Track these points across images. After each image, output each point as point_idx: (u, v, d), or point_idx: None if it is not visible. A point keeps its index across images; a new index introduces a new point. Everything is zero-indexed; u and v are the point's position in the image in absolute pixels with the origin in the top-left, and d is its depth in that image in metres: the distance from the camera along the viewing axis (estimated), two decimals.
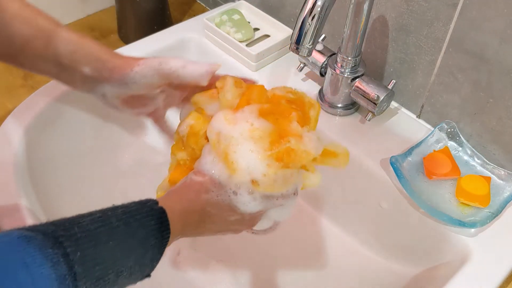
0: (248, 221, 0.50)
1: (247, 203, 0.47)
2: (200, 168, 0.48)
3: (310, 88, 0.72)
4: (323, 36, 0.69)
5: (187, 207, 0.46)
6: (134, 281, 0.42)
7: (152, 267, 0.42)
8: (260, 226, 0.52)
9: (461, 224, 0.55)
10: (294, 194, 0.49)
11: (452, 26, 0.57)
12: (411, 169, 0.60)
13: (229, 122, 0.48)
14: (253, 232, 0.55)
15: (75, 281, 0.35)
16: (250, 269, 0.66)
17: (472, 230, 0.56)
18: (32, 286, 0.32)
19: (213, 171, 0.47)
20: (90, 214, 0.39)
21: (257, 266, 0.67)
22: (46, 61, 0.50)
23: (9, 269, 0.32)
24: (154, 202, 0.43)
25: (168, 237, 0.42)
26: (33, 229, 0.35)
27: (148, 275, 0.43)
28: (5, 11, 0.48)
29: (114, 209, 0.41)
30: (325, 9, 0.50)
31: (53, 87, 0.68)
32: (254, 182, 0.46)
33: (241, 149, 0.46)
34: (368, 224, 0.67)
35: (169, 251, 0.67)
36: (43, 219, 0.57)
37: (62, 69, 0.51)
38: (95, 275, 0.36)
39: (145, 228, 0.41)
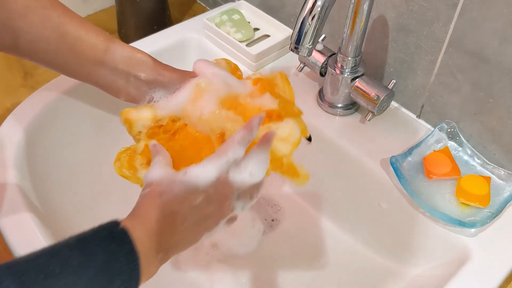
0: (217, 198, 0.46)
1: (199, 174, 0.44)
2: (145, 181, 0.46)
3: (310, 88, 0.72)
4: (323, 36, 0.69)
5: (147, 218, 0.42)
6: None
7: None
8: (240, 206, 0.49)
9: (461, 224, 0.55)
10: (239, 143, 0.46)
11: (452, 26, 0.57)
12: (411, 169, 0.60)
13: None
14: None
15: None
16: (250, 269, 0.66)
17: (472, 230, 0.56)
18: None
19: (155, 175, 0.46)
20: (41, 249, 0.36)
21: (257, 266, 0.67)
22: (104, 67, 0.53)
23: None
24: (115, 223, 0.40)
25: (136, 259, 0.38)
26: None
27: None
28: (65, 32, 0.52)
29: (67, 239, 0.37)
30: (325, 9, 0.51)
31: (53, 87, 0.68)
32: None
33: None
34: (368, 224, 0.67)
35: None
36: (43, 219, 0.57)
37: (119, 77, 0.53)
38: None
39: (104, 253, 0.37)
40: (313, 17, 0.50)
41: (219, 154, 0.46)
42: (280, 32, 0.77)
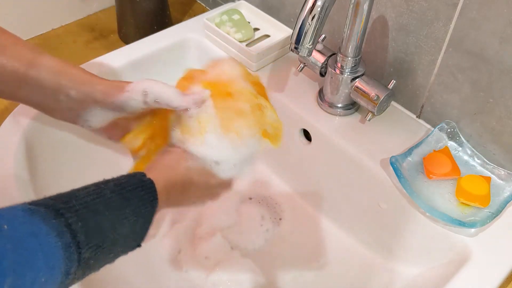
0: (226, 183, 0.53)
1: (227, 170, 0.50)
2: (173, 142, 0.51)
3: (310, 88, 0.72)
4: (323, 36, 0.69)
5: (169, 176, 0.48)
6: (127, 250, 0.44)
7: (143, 237, 0.45)
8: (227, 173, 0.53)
9: (461, 224, 0.55)
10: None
11: (452, 26, 0.57)
12: (411, 169, 0.60)
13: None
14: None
15: (79, 248, 0.37)
16: (250, 268, 0.66)
17: (472, 230, 0.56)
18: (41, 253, 0.34)
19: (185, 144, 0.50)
20: (85, 187, 0.41)
21: (257, 265, 0.67)
22: (28, 85, 0.49)
23: (19, 238, 0.33)
24: (142, 174, 0.46)
25: (156, 205, 0.45)
26: (35, 203, 0.37)
27: (139, 245, 0.45)
28: None
29: (106, 182, 0.43)
30: (325, 9, 0.51)
31: None
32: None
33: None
34: (368, 224, 0.67)
35: (169, 249, 0.68)
36: None
37: (46, 95, 0.49)
38: (95, 242, 0.39)
39: (136, 198, 0.43)
40: (313, 17, 0.50)
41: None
42: (280, 32, 0.77)
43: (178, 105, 0.50)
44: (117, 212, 0.41)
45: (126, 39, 0.89)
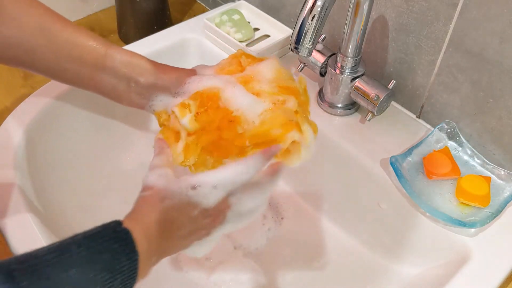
0: (213, 212, 0.47)
1: (208, 194, 0.45)
2: (146, 184, 0.47)
3: (310, 88, 0.72)
4: (323, 36, 0.69)
5: (147, 222, 0.43)
6: None
7: None
8: (236, 225, 0.50)
9: (461, 224, 0.55)
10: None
11: (452, 26, 0.57)
12: (411, 169, 0.60)
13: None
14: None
15: None
16: (250, 268, 0.66)
17: (472, 230, 0.56)
18: None
19: (158, 181, 0.46)
20: (48, 246, 0.37)
21: (257, 265, 0.67)
22: (105, 71, 0.53)
23: None
24: (117, 223, 0.41)
25: (136, 259, 0.40)
26: None
27: None
28: (62, 39, 0.52)
29: (74, 236, 0.39)
30: (325, 9, 0.51)
31: (53, 87, 0.68)
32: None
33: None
34: (368, 224, 0.67)
35: None
36: (44, 219, 0.57)
37: (120, 81, 0.53)
38: None
39: (109, 252, 0.39)
40: (313, 17, 0.50)
41: (233, 176, 0.46)
42: (280, 32, 0.77)
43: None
44: (85, 270, 0.37)
45: (126, 39, 0.89)
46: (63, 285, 0.35)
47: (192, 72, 0.56)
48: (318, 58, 0.68)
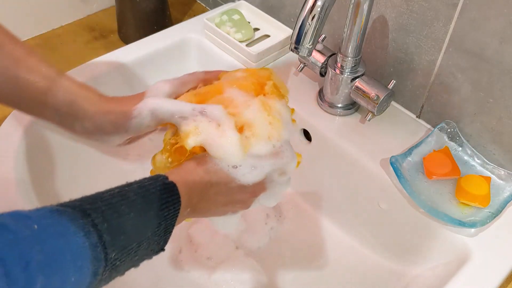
0: (251, 189, 0.51)
1: (247, 174, 0.49)
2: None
3: (310, 88, 0.72)
4: (323, 36, 0.69)
5: (189, 178, 0.48)
6: (151, 254, 0.44)
7: (165, 240, 0.45)
8: (268, 202, 0.54)
9: (461, 224, 0.55)
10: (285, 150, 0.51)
11: (452, 26, 0.57)
12: (411, 169, 0.60)
13: None
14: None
15: (105, 248, 0.37)
16: (250, 268, 0.66)
17: (472, 230, 0.56)
18: (69, 253, 0.35)
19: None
20: (109, 190, 0.42)
21: (257, 265, 0.67)
22: (47, 108, 0.51)
23: (47, 238, 0.34)
24: (165, 177, 0.46)
25: (179, 208, 0.45)
26: (62, 204, 0.38)
27: (163, 249, 0.45)
28: (8, 57, 0.49)
29: (129, 184, 0.44)
30: (325, 9, 0.51)
31: None
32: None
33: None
34: (368, 223, 0.67)
35: (170, 249, 0.68)
36: None
37: (63, 118, 0.52)
38: (120, 244, 0.39)
39: (160, 200, 0.43)
40: (313, 17, 0.50)
41: (276, 159, 0.51)
42: (280, 32, 0.77)
43: (191, 116, 0.50)
44: (141, 214, 0.42)
45: (126, 39, 0.89)
46: (124, 225, 0.40)
47: (138, 99, 0.53)
48: (318, 58, 0.68)
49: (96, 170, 0.71)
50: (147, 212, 0.42)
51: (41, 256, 0.32)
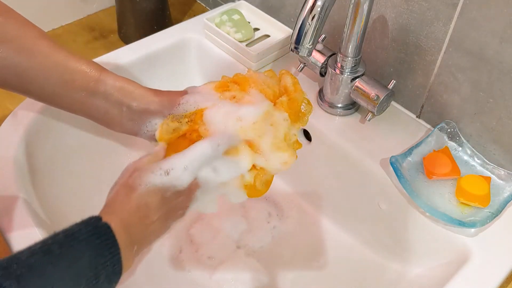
0: (186, 192, 0.48)
1: (181, 176, 0.47)
2: (119, 177, 0.49)
3: (310, 88, 0.72)
4: (323, 36, 0.69)
5: (123, 212, 0.44)
6: None
7: (114, 285, 0.41)
8: (206, 207, 0.52)
9: (461, 224, 0.55)
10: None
11: (452, 26, 0.57)
12: (411, 169, 0.60)
13: None
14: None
15: None
16: (250, 268, 0.66)
17: (472, 230, 0.56)
18: None
19: (131, 173, 0.47)
20: (30, 247, 0.37)
21: (257, 265, 0.67)
22: (96, 98, 0.52)
23: None
24: (97, 219, 0.41)
25: (118, 253, 0.40)
26: None
27: None
28: (54, 62, 0.51)
29: (55, 235, 0.39)
30: (325, 9, 0.51)
31: None
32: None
33: None
34: (368, 223, 0.67)
35: (171, 249, 0.68)
36: (43, 219, 0.57)
37: (111, 106, 0.53)
38: None
39: (91, 248, 0.39)
40: (313, 17, 0.50)
41: (200, 155, 0.48)
42: (280, 32, 0.77)
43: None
44: (69, 269, 0.37)
45: (126, 39, 0.89)
46: (48, 286, 0.35)
47: (184, 92, 0.55)
48: (318, 58, 0.68)
49: (97, 170, 0.71)
50: (77, 265, 0.37)
51: None
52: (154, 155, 0.49)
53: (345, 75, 0.64)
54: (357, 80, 0.64)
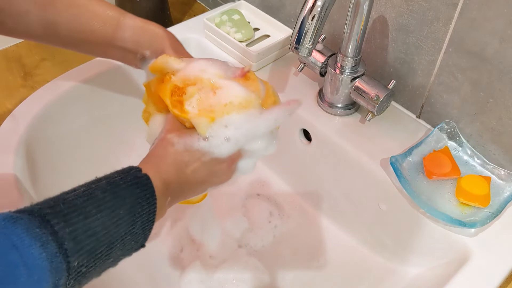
0: (228, 161, 0.48)
1: (221, 145, 0.47)
2: (164, 129, 0.49)
3: (310, 88, 0.72)
4: (323, 36, 0.69)
5: (162, 164, 0.46)
6: (129, 252, 0.42)
7: (145, 237, 0.43)
8: (245, 169, 0.51)
9: (461, 224, 0.55)
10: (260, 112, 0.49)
11: (452, 26, 0.57)
12: (411, 169, 0.60)
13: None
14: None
15: (67, 257, 0.35)
16: (250, 268, 0.66)
17: (472, 230, 0.56)
18: (23, 267, 0.32)
19: (171, 131, 0.48)
20: (74, 189, 0.39)
21: (257, 265, 0.67)
22: (113, 47, 0.54)
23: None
24: (137, 170, 0.43)
25: (155, 203, 0.43)
26: (19, 210, 0.36)
27: (143, 245, 0.43)
28: (75, 5, 0.53)
29: (98, 181, 0.41)
30: (325, 9, 0.51)
31: (53, 87, 0.68)
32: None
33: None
34: (368, 223, 0.67)
35: (171, 248, 0.68)
36: None
37: (127, 53, 0.54)
38: (87, 249, 0.37)
39: (131, 197, 0.41)
40: (313, 17, 0.50)
41: (246, 131, 0.48)
42: (280, 32, 0.77)
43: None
44: (111, 214, 0.39)
45: None
46: (92, 227, 0.37)
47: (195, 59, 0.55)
48: (318, 58, 0.68)
49: (97, 170, 0.70)
50: (118, 211, 0.40)
51: None
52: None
53: (345, 75, 0.64)
54: (357, 80, 0.64)
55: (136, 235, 0.41)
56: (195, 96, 0.48)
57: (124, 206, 0.40)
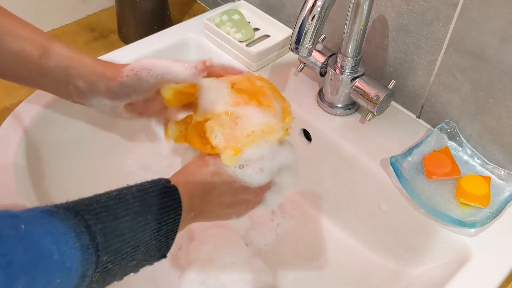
0: (256, 189, 0.50)
1: (254, 175, 0.49)
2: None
3: (310, 88, 0.72)
4: (323, 36, 0.69)
5: (191, 181, 0.47)
6: (151, 259, 0.44)
7: (168, 246, 0.44)
8: (273, 202, 0.53)
9: (461, 224, 0.55)
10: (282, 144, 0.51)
11: (452, 26, 0.57)
12: (411, 169, 0.60)
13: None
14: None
15: (97, 250, 0.37)
16: (250, 268, 0.66)
17: (472, 230, 0.56)
18: (57, 253, 0.34)
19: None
20: (107, 193, 0.42)
21: (257, 265, 0.67)
22: (42, 76, 0.52)
23: (35, 239, 0.33)
24: (167, 181, 0.45)
25: (180, 214, 0.44)
26: (55, 205, 0.38)
27: (164, 256, 0.45)
28: (0, 30, 0.50)
29: (129, 187, 0.43)
30: (325, 9, 0.51)
31: None
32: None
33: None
34: (368, 224, 0.67)
35: (172, 247, 0.68)
36: None
37: (58, 84, 0.52)
38: (114, 247, 0.38)
39: (160, 204, 0.43)
40: (313, 17, 0.50)
41: (279, 162, 0.50)
42: (280, 32, 0.77)
43: (183, 74, 0.50)
44: (139, 218, 0.41)
45: (126, 39, 0.89)
46: (120, 228, 0.39)
47: (125, 65, 0.53)
48: (318, 58, 0.68)
49: (97, 170, 0.71)
50: (145, 216, 0.42)
51: (25, 256, 0.31)
52: None
53: (345, 75, 0.64)
54: (357, 80, 0.64)
55: (159, 242, 0.43)
56: (215, 129, 0.49)
57: (151, 212, 0.42)
